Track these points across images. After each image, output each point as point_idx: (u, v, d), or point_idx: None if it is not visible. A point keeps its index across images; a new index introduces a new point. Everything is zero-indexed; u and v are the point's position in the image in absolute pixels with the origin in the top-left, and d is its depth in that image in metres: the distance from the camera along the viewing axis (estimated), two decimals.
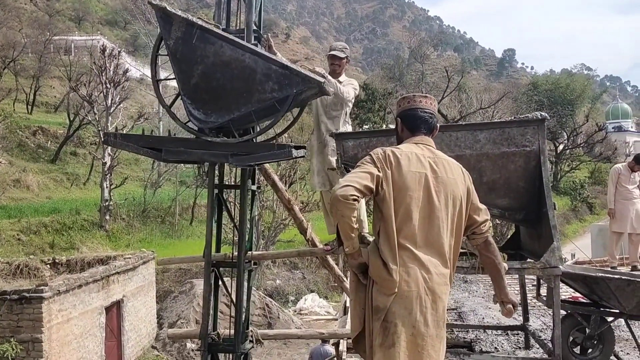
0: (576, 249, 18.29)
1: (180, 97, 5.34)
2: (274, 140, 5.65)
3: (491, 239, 3.65)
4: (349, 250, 3.46)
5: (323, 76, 5.46)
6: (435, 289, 3.32)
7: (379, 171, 3.37)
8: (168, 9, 5.05)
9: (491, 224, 3.73)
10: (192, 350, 17.27)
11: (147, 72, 48.57)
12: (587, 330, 5.57)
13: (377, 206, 3.43)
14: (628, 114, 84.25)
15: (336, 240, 5.67)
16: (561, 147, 54.52)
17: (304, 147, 5.80)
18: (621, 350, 6.17)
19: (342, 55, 6.17)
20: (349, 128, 6.22)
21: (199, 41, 4.99)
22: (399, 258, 3.32)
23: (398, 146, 3.57)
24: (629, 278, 5.38)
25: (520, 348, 6.70)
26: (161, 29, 5.20)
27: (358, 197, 3.31)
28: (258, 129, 5.64)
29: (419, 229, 3.34)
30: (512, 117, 5.45)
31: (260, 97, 4.96)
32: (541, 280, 6.15)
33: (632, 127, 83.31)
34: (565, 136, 54.58)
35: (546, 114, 5.24)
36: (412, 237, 3.34)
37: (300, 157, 5.68)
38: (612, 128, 71.22)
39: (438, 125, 3.69)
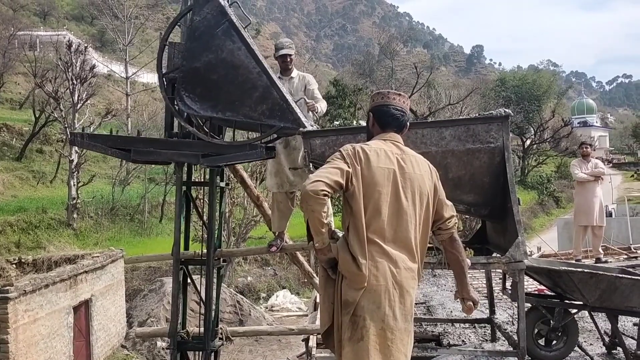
0: (542, 242, 18.64)
1: (171, 73, 5.29)
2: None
3: (456, 235, 3.71)
4: (318, 246, 3.48)
5: (314, 107, 5.83)
6: (403, 283, 3.37)
7: (348, 167, 3.41)
8: None
9: (457, 221, 3.77)
10: (163, 348, 17.14)
11: (115, 68, 48.04)
12: (552, 323, 5.68)
13: (347, 202, 3.47)
14: (593, 109, 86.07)
15: (306, 235, 5.72)
16: (528, 142, 55.44)
17: (274, 149, 5.81)
18: (585, 341, 6.31)
19: (292, 52, 6.29)
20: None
21: (222, 33, 5.00)
22: (368, 252, 3.35)
23: (367, 143, 3.61)
24: (591, 271, 5.50)
25: (487, 341, 6.81)
26: (195, 2, 5.17)
27: (328, 192, 3.34)
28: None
29: (387, 224, 3.39)
30: (477, 114, 5.53)
31: (248, 113, 4.97)
32: (507, 274, 6.26)
33: (596, 122, 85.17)
34: (532, 131, 55.51)
35: (510, 111, 5.31)
36: (381, 232, 3.38)
37: (271, 157, 5.69)
38: (578, 123, 72.73)
39: (408, 123, 3.76)
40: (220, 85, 5.06)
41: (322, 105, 6.21)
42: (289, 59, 6.25)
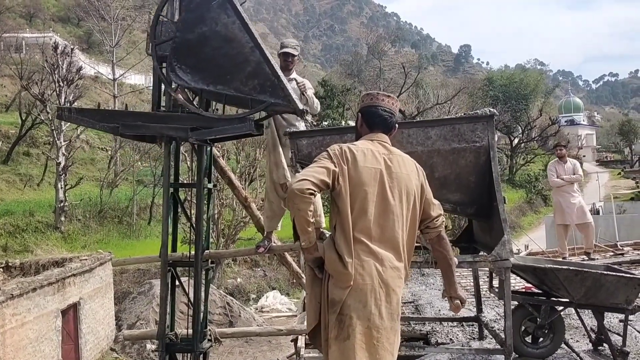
0: (530, 240, 18.74)
1: (163, 43, 5.26)
2: None
3: (444, 234, 3.73)
4: (305, 245, 3.51)
5: (306, 95, 5.94)
6: (389, 282, 3.39)
7: (335, 166, 3.44)
8: None
9: (444, 220, 3.79)
10: (152, 351, 17.06)
11: (102, 69, 47.80)
12: (538, 320, 5.72)
13: (334, 201, 3.50)
14: (580, 107, 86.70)
15: (292, 235, 5.75)
16: (516, 140, 55.73)
17: (262, 126, 5.80)
18: (571, 338, 6.37)
19: (295, 52, 6.32)
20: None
21: (218, 5, 5.01)
22: (354, 251, 3.38)
23: (354, 143, 3.64)
24: (576, 269, 5.55)
25: (474, 339, 6.85)
26: None
27: (314, 191, 3.36)
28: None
29: (374, 224, 3.41)
30: (463, 114, 5.56)
31: (239, 87, 4.96)
32: (493, 273, 6.30)
33: (583, 120, 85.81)
34: (520, 130, 55.81)
35: (495, 111, 5.36)
36: (367, 231, 3.40)
37: (260, 134, 5.68)
38: (565, 121, 73.22)
39: (397, 125, 3.80)
40: (213, 58, 5.05)
41: (316, 101, 6.31)
42: (290, 59, 6.30)
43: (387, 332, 3.38)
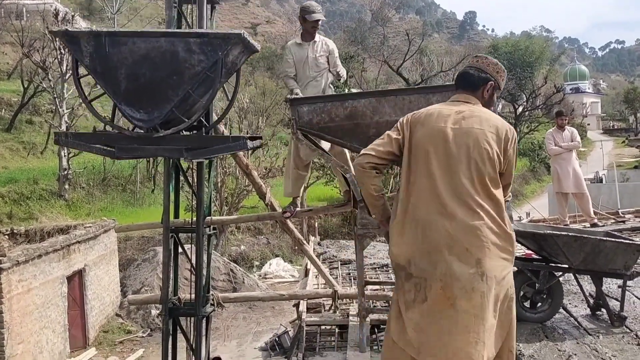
0: (532, 208, 18.78)
1: (117, 108, 5.18)
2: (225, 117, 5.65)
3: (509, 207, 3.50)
4: (376, 219, 3.58)
5: (339, 74, 6.14)
6: (461, 239, 3.27)
7: (398, 134, 3.47)
8: (70, 29, 4.95)
9: (510, 195, 3.53)
10: (157, 316, 17.31)
11: None
12: (537, 285, 5.78)
13: (401, 166, 3.51)
14: (585, 75, 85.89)
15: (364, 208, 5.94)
16: (520, 108, 55.35)
17: (260, 138, 5.85)
18: (569, 303, 6.43)
19: (324, 18, 6.36)
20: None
21: (112, 47, 4.85)
22: (419, 212, 3.36)
23: (431, 106, 3.63)
24: (575, 234, 5.59)
25: None
26: (72, 53, 5.04)
27: (375, 164, 3.42)
28: (211, 119, 5.71)
29: (439, 183, 3.33)
30: None
31: (191, 73, 4.87)
32: None
33: (589, 88, 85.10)
34: (525, 98, 55.39)
35: None
36: (431, 191, 3.33)
37: (257, 147, 5.72)
38: (570, 89, 72.59)
39: (490, 81, 3.59)
40: (152, 80, 4.91)
41: (343, 71, 6.42)
42: (318, 25, 6.25)
43: (462, 292, 3.24)
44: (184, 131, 5.23)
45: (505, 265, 3.32)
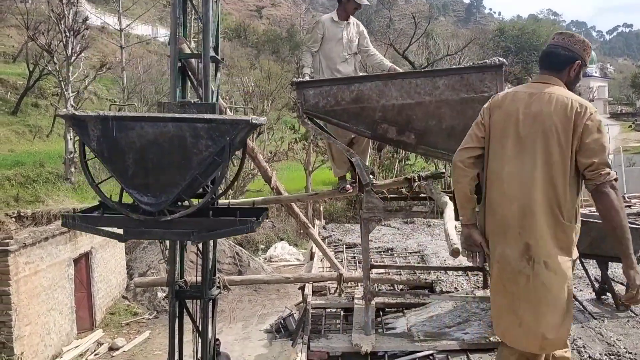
0: None
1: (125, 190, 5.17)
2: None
3: (608, 189, 3.23)
4: (462, 221, 3.57)
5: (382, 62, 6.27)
6: (515, 224, 3.31)
7: (482, 119, 3.53)
8: (77, 114, 4.90)
9: (609, 171, 3.25)
10: (163, 299, 17.44)
11: (109, 20, 47.27)
12: None
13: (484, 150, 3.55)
14: (592, 59, 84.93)
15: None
16: None
17: (266, 209, 5.78)
18: (575, 288, 6.45)
19: (368, 4, 6.47)
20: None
21: (119, 131, 4.79)
22: (489, 193, 3.46)
23: (509, 90, 3.64)
24: (582, 219, 5.58)
25: (478, 288, 6.95)
26: (79, 136, 4.99)
27: (474, 156, 3.49)
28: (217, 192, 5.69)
29: (506, 166, 3.36)
30: (472, 63, 5.50)
31: (199, 159, 4.84)
32: None
33: (596, 72, 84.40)
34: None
35: (504, 60, 5.29)
36: (499, 173, 3.39)
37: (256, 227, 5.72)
38: None
39: (577, 59, 3.48)
40: (160, 165, 4.87)
41: (385, 62, 6.42)
42: (360, 9, 6.33)
43: (513, 276, 3.31)
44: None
45: (558, 253, 3.28)
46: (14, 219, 17.60)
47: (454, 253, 3.85)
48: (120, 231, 5.28)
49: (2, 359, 12.44)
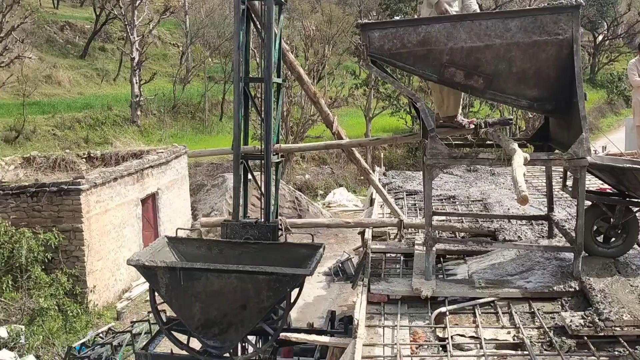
0: (608, 142, 18.00)
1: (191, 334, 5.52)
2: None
3: None
4: None
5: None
6: None
7: None
8: (147, 264, 5.19)
9: None
10: None
11: None
12: (612, 220, 5.62)
13: None
14: None
15: None
16: (600, 37, 52.33)
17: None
18: None
19: None
20: None
21: (186, 280, 5.10)
22: None
23: None
24: None
25: (543, 237, 6.82)
26: (149, 282, 5.41)
27: None
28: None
29: None
30: (546, 4, 5.24)
31: (260, 307, 5.12)
32: (568, 172, 6.16)
33: None
34: (605, 26, 52.21)
35: (582, 0, 5.02)
36: None
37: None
38: None
39: None
40: (224, 314, 5.17)
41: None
42: None
43: None
44: None
45: None
46: (84, 160, 18.27)
47: (522, 200, 3.77)
48: None
49: (76, 290, 13.19)
